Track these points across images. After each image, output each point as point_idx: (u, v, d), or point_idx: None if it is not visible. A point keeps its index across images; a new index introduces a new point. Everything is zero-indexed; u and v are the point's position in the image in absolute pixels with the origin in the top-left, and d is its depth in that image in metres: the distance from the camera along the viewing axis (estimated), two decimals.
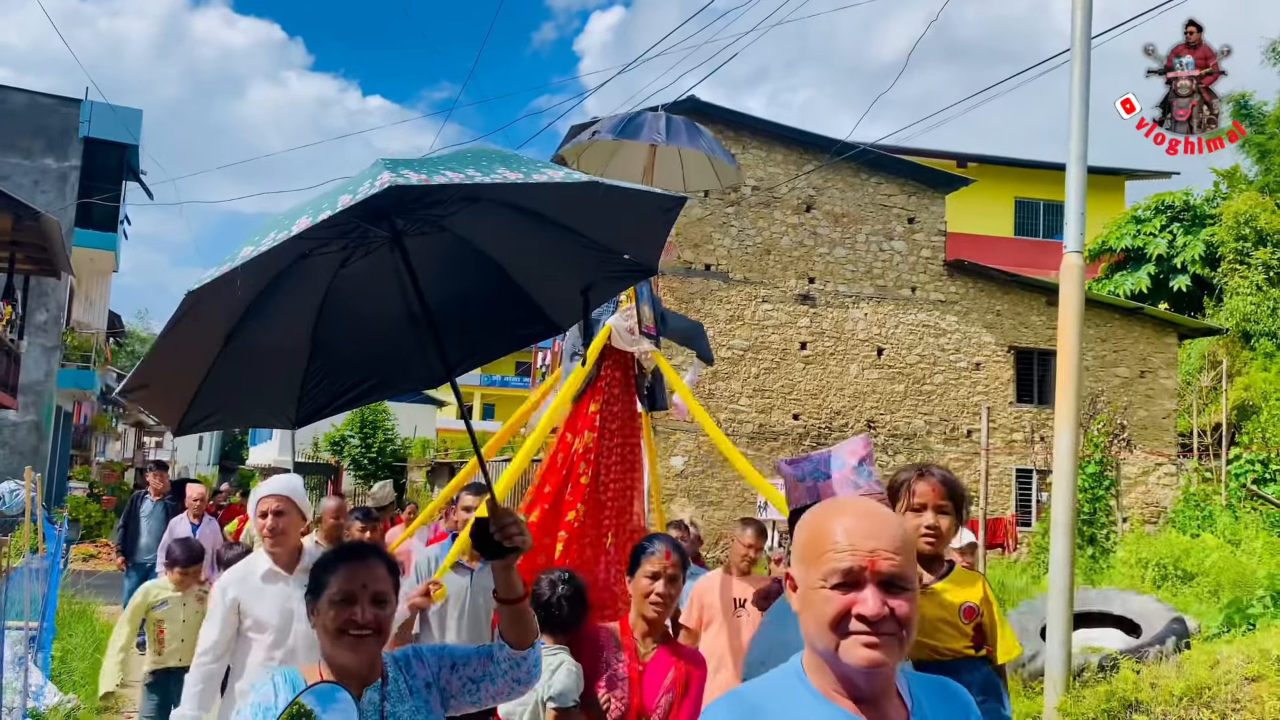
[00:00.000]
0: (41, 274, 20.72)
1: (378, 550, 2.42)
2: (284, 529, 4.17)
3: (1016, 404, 20.12)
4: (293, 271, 2.60)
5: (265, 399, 3.03)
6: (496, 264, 2.88)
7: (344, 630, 2.23)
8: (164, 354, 2.55)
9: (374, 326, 2.93)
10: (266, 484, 4.33)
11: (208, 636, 4.04)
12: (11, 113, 24.17)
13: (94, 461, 33.47)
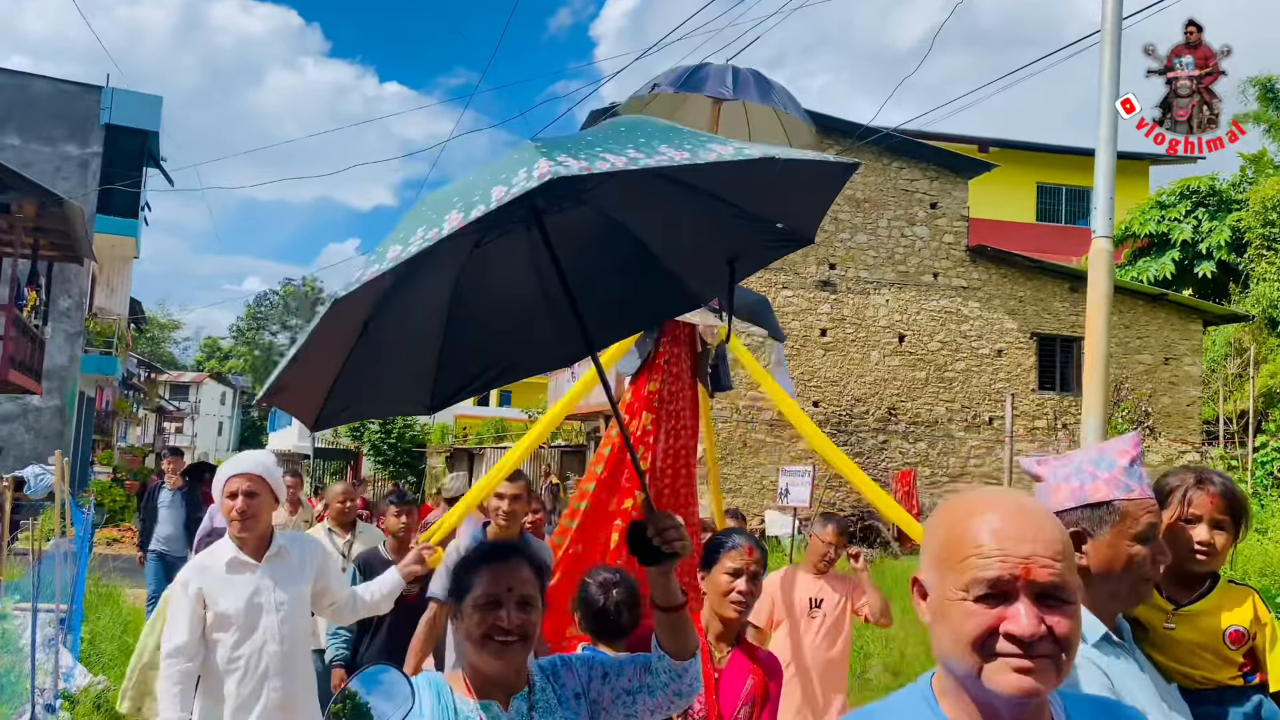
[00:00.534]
0: (64, 260, 20.85)
1: (522, 550, 2.28)
2: (255, 512, 3.76)
3: (1039, 391, 20.00)
4: (426, 254, 2.52)
5: (400, 386, 2.95)
6: (638, 239, 2.73)
7: (489, 636, 2.11)
8: (305, 356, 2.48)
9: (509, 306, 2.83)
10: (235, 461, 3.92)
11: (175, 637, 3.67)
12: (34, 100, 24.29)
13: (115, 446, 33.76)
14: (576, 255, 2.56)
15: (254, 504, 3.76)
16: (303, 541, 4.02)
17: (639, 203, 2.60)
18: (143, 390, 43.57)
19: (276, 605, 3.75)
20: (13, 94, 24.13)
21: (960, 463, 19.53)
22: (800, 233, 2.79)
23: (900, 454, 19.24)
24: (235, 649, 3.68)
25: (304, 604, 3.86)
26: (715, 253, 2.78)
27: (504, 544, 2.41)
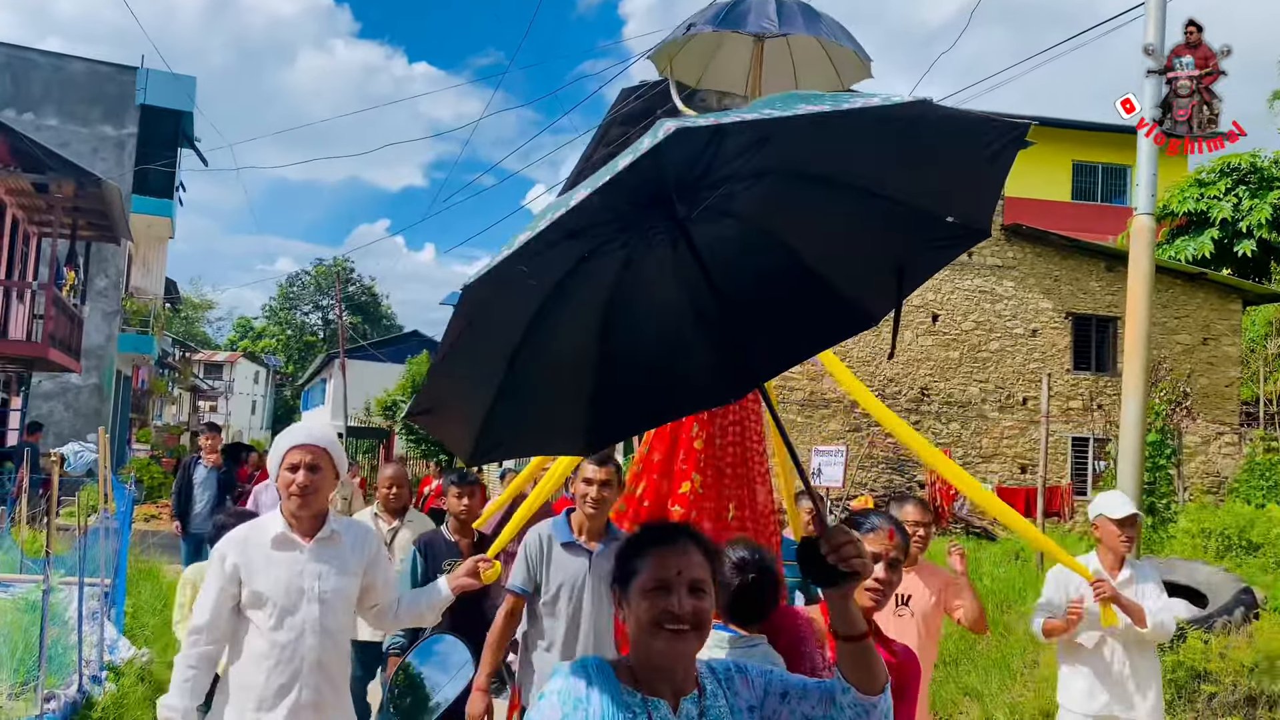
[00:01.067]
0: (102, 240, 21.11)
1: (692, 532, 2.12)
2: (316, 488, 3.40)
3: (1074, 371, 19.80)
4: (574, 278, 2.36)
5: (555, 423, 2.77)
6: (792, 250, 2.49)
7: (659, 624, 1.95)
8: (447, 373, 2.35)
9: (664, 334, 2.61)
10: (295, 431, 3.55)
11: (199, 614, 3.34)
12: (71, 81, 24.54)
13: (152, 425, 34.23)
14: (729, 274, 2.37)
15: (316, 479, 3.40)
16: (358, 529, 3.65)
17: (787, 206, 2.36)
18: (178, 369, 44.13)
19: (320, 594, 3.38)
20: (50, 75, 24.38)
21: (993, 444, 19.39)
22: (973, 224, 2.46)
23: (933, 435, 19.13)
24: (270, 636, 3.32)
25: (350, 597, 3.49)
26: (880, 260, 2.49)
27: (671, 526, 2.22)
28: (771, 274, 2.52)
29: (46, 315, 16.63)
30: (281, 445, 3.46)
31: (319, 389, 54.62)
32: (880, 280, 2.51)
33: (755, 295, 2.49)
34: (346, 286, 62.23)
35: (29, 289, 17.29)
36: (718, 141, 1.99)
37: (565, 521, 4.10)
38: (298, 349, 70.00)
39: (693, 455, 4.36)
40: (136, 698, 6.39)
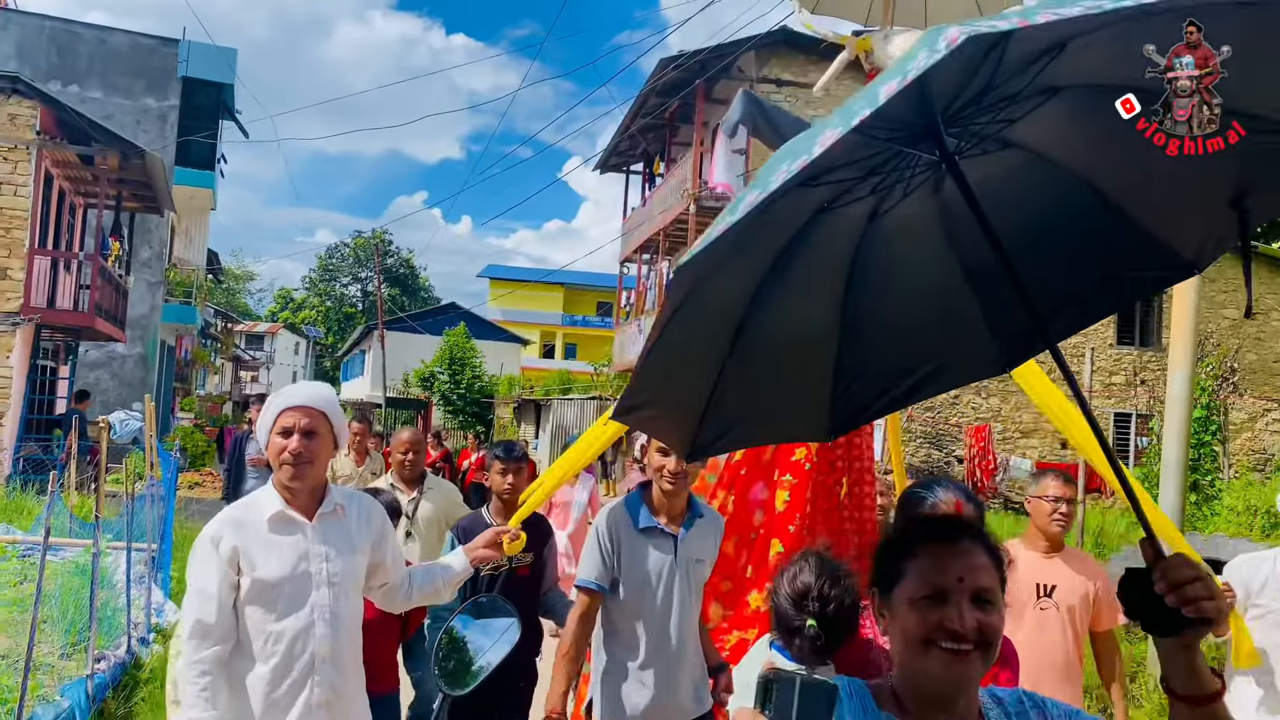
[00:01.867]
0: (146, 211, 21.36)
1: (973, 527, 1.72)
2: (312, 456, 2.96)
3: (1117, 346, 19.50)
4: (810, 233, 2.01)
5: (790, 406, 2.42)
6: (1092, 185, 2.01)
7: (932, 641, 1.58)
8: (658, 363, 2.02)
9: (921, 295, 2.22)
10: (289, 392, 3.10)
11: (202, 612, 2.85)
12: (115, 53, 24.77)
13: (195, 394, 34.76)
14: (1010, 221, 1.91)
15: (311, 446, 2.96)
16: (360, 501, 3.23)
17: (1087, 129, 1.86)
18: (220, 340, 44.72)
19: (329, 577, 2.97)
20: (94, 48, 24.63)
21: (1033, 419, 19.19)
22: None
23: (972, 409, 18.96)
24: (275, 629, 2.89)
25: (359, 578, 3.09)
26: (1210, 192, 1.91)
27: (949, 520, 1.86)
28: (1065, 216, 2.05)
29: (93, 285, 16.89)
30: (273, 407, 3.02)
31: (358, 360, 55.15)
32: (1207, 218, 1.97)
33: (1043, 244, 2.05)
34: (385, 259, 62.66)
35: (76, 259, 17.57)
36: (1000, 51, 1.62)
37: (640, 501, 3.48)
38: (337, 320, 70.64)
39: (782, 454, 3.87)
40: None
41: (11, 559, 7.91)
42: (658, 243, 21.68)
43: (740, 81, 19.13)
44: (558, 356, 55.94)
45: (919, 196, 1.97)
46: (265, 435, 3.01)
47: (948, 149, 1.78)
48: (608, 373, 32.06)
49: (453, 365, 38.13)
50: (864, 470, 3.99)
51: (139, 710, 5.45)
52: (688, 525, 3.46)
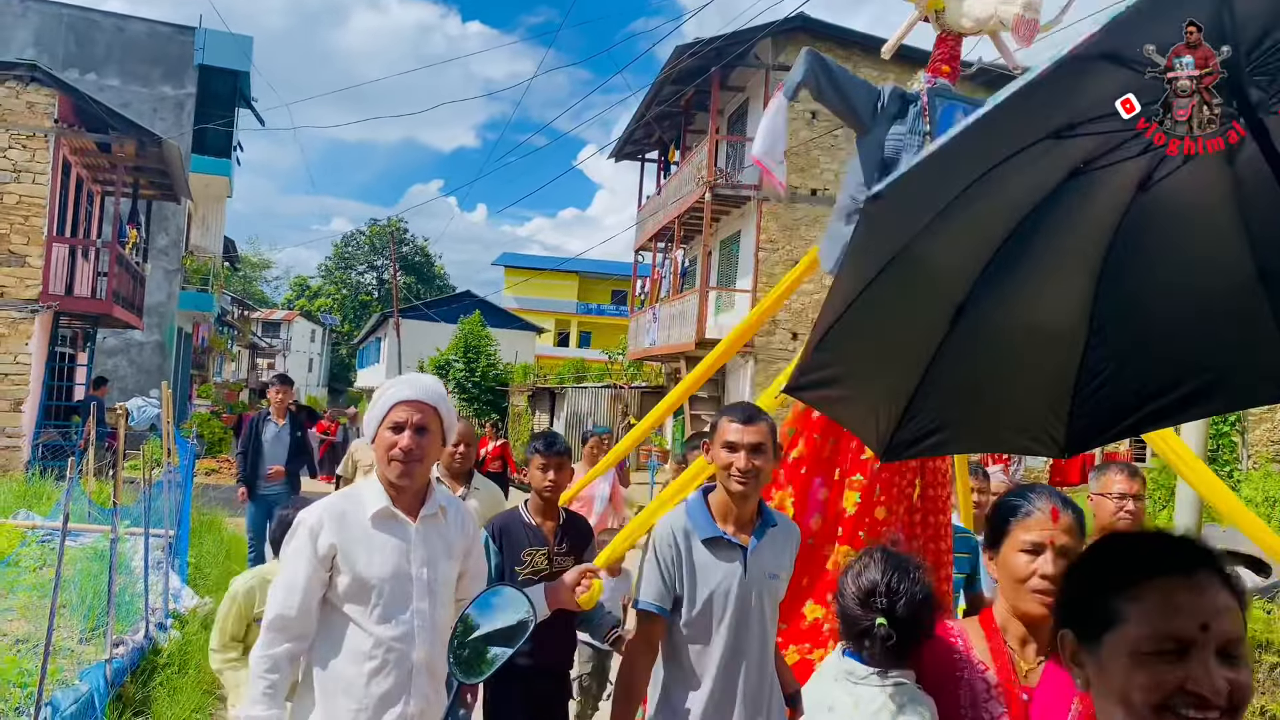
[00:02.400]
0: (163, 199, 21.45)
1: (1209, 553, 1.32)
2: (423, 454, 2.78)
3: None
4: (1058, 202, 1.65)
5: (1017, 409, 2.09)
6: None
7: (1168, 708, 1.22)
8: (858, 329, 1.68)
9: (1197, 291, 1.77)
10: (402, 383, 2.90)
11: (285, 604, 2.70)
12: (132, 41, 24.85)
13: (212, 381, 34.95)
14: None
15: (423, 443, 2.78)
16: (457, 505, 3.03)
17: None
18: (237, 327, 44.93)
19: (429, 583, 2.79)
20: (112, 36, 24.70)
21: None
22: None
23: None
24: (375, 632, 2.70)
25: (453, 586, 2.91)
26: None
27: (1179, 543, 1.35)
28: None
29: (110, 273, 16.98)
30: (386, 399, 2.84)
31: (374, 347, 55.34)
32: None
33: None
34: (400, 247, 62.78)
35: (94, 247, 17.67)
36: None
37: (704, 507, 3.00)
38: (353, 308, 70.88)
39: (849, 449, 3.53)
40: (200, 644, 6.56)
41: (31, 544, 7.98)
42: (673, 231, 21.64)
43: (756, 69, 19.04)
44: (572, 344, 55.98)
45: (1199, 168, 1.54)
46: (374, 428, 2.85)
47: (1250, 101, 1.35)
48: (622, 361, 32.06)
49: (468, 353, 38.21)
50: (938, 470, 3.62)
51: (156, 695, 5.49)
52: (759, 534, 2.99)
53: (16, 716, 4.59)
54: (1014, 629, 2.17)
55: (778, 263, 18.55)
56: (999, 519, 2.20)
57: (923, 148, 3.58)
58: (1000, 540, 2.18)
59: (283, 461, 8.69)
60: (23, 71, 15.99)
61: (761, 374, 18.39)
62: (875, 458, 3.33)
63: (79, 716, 4.49)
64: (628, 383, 27.62)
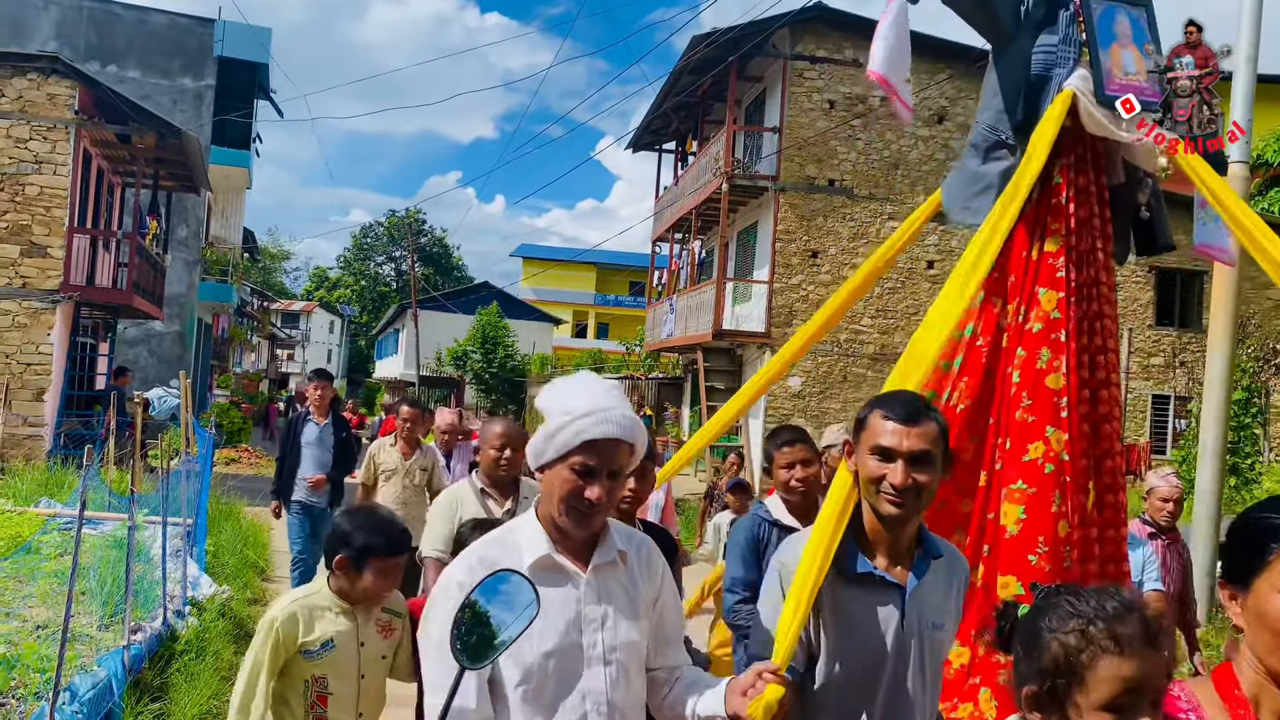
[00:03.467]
0: (183, 190, 21.58)
1: None
2: (614, 500, 2.19)
3: (1156, 327, 19.21)
4: None
5: None
6: None
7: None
8: None
9: None
10: (596, 416, 2.07)
11: (463, 701, 1.98)
12: (152, 34, 24.98)
13: (231, 371, 35.18)
14: None
15: (614, 490, 2.13)
16: (643, 546, 2.30)
17: None
18: (256, 318, 45.19)
19: (606, 652, 2.12)
20: (132, 28, 24.85)
21: None
22: None
23: None
24: (537, 712, 2.06)
25: (642, 653, 2.21)
26: None
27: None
28: None
29: (131, 264, 17.10)
30: (573, 433, 2.07)
31: (392, 338, 55.54)
32: None
33: None
34: (419, 238, 62.93)
35: (114, 238, 17.79)
36: None
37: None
38: (371, 299, 71.14)
39: (1046, 396, 2.89)
40: (217, 632, 6.62)
41: (52, 531, 8.07)
42: (690, 222, 21.60)
43: (774, 59, 18.96)
44: (590, 336, 56.03)
45: None
46: (548, 458, 2.11)
47: None
48: (640, 352, 32.04)
49: (485, 344, 38.32)
50: (1115, 470, 3.01)
51: (174, 681, 5.54)
52: (918, 570, 2.27)
53: (36, 701, 4.64)
54: (1270, 700, 1.58)
55: (795, 253, 18.49)
56: (1254, 543, 1.62)
57: (1079, 60, 3.07)
58: (1252, 574, 1.59)
59: (326, 466, 7.64)
60: (44, 64, 16.10)
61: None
62: (1050, 454, 2.76)
63: (97, 702, 4.53)
64: (645, 374, 27.62)
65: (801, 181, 18.45)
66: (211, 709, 5.51)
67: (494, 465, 4.15)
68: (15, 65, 15.98)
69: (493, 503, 4.15)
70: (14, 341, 15.58)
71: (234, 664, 6.63)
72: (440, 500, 4.34)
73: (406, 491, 6.77)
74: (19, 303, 15.63)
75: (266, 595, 8.96)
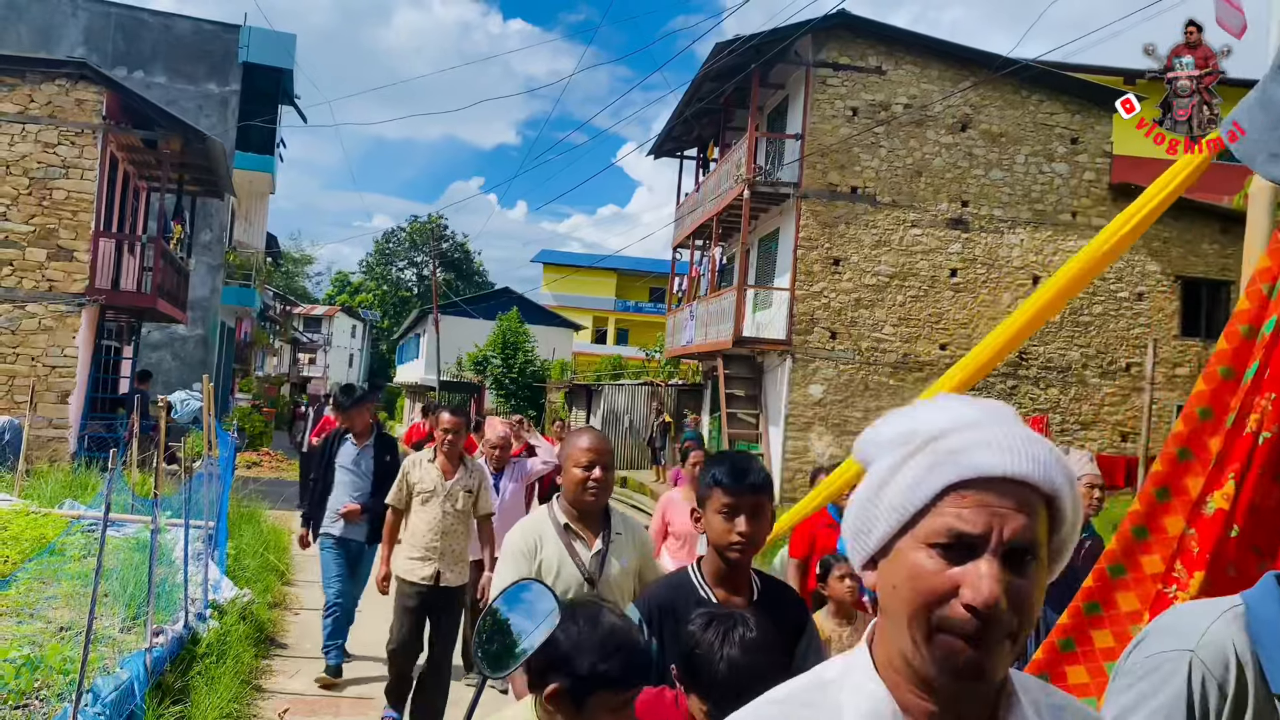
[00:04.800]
0: (207, 195, 21.74)
1: None
2: None
3: (1182, 337, 19.03)
4: None
5: None
6: None
7: None
8: None
9: None
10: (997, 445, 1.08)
11: None
12: (178, 39, 25.20)
13: (254, 375, 35.37)
14: None
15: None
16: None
17: None
18: (279, 322, 45.45)
19: None
20: (159, 34, 25.08)
21: (1093, 410, 18.81)
22: None
23: (1030, 400, 18.62)
24: None
25: None
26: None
27: None
28: None
29: (155, 268, 17.23)
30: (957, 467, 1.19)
31: (413, 343, 55.75)
32: None
33: None
34: (441, 243, 63.16)
35: (139, 242, 17.93)
36: None
37: None
38: (393, 304, 71.45)
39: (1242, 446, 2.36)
40: (238, 635, 6.64)
41: (76, 532, 8.11)
42: (711, 228, 21.57)
43: (796, 66, 18.93)
44: (610, 342, 56.03)
45: None
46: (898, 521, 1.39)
47: None
48: (660, 358, 32.03)
49: (505, 349, 38.40)
50: None
51: (195, 684, 5.55)
52: None
53: (59, 702, 4.66)
54: None
55: (816, 260, 18.43)
56: None
57: None
58: None
59: (365, 494, 6.66)
60: (72, 69, 16.26)
61: (799, 371, 18.28)
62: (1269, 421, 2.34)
63: (119, 704, 4.54)
64: (665, 380, 27.60)
65: (823, 189, 18.39)
66: (232, 712, 5.52)
67: (580, 488, 3.25)
68: (44, 71, 16.15)
69: (580, 543, 3.28)
70: (40, 344, 15.71)
71: (254, 667, 6.66)
72: (514, 539, 3.28)
73: (448, 519, 5.73)
74: (45, 306, 15.77)
75: (287, 599, 8.98)
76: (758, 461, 2.72)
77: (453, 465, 5.78)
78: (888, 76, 18.66)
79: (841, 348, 18.40)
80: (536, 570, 3.11)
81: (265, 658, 7.11)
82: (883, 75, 18.62)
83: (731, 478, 2.55)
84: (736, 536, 2.52)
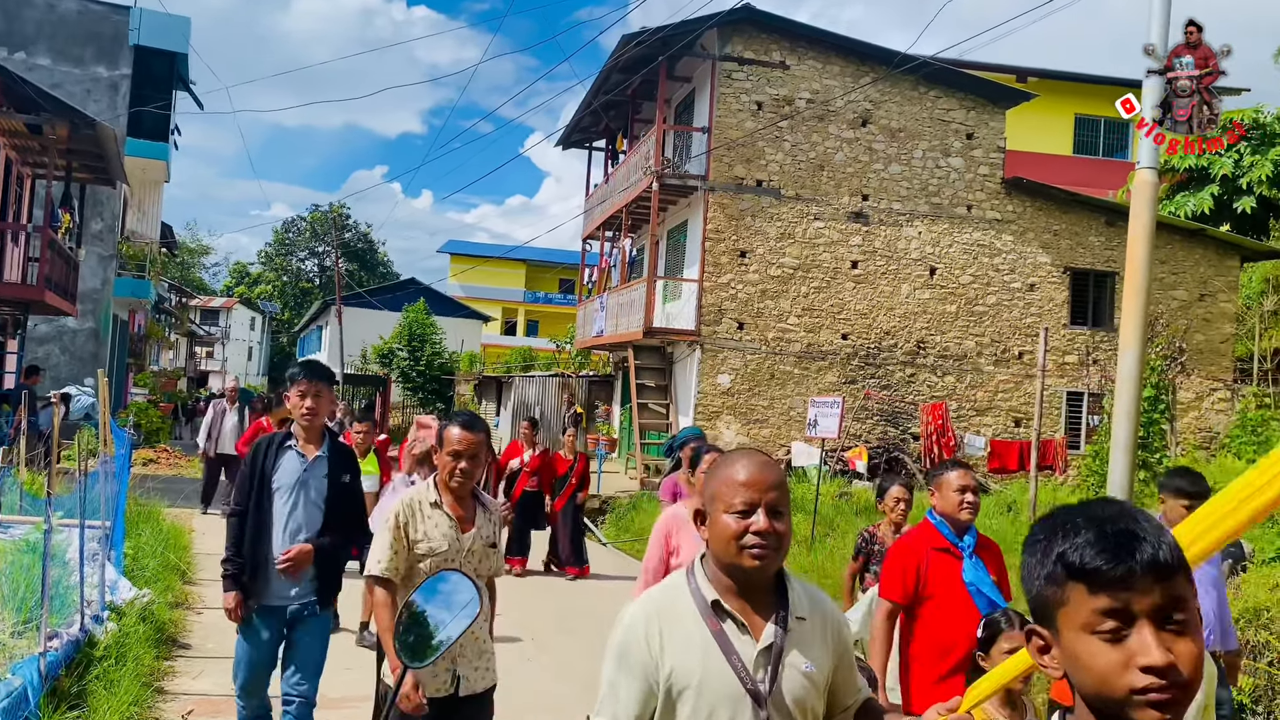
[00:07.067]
0: (97, 183, 20.94)
1: None
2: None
3: (1070, 326, 19.82)
4: None
5: None
6: None
7: None
8: None
9: None
10: None
11: None
12: (63, 20, 24.18)
13: (149, 369, 34.23)
14: None
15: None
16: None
17: None
18: (174, 314, 44.04)
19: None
20: (42, 14, 24.02)
21: (988, 396, 19.47)
22: None
23: (928, 387, 19.19)
24: None
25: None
26: None
27: None
28: None
29: (42, 258, 16.55)
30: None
31: (315, 336, 54.59)
32: None
33: None
34: (343, 233, 61.91)
35: (24, 231, 17.19)
36: None
37: None
38: (294, 295, 69.80)
39: None
40: (138, 636, 6.47)
41: None
42: (620, 220, 21.65)
43: (703, 59, 19.10)
44: (519, 333, 55.78)
45: None
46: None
47: None
48: (570, 350, 32.01)
49: (412, 341, 37.88)
50: None
51: (93, 688, 5.41)
52: None
53: None
54: None
55: (723, 252, 18.66)
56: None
57: None
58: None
59: (314, 531, 4.51)
60: None
61: (707, 362, 18.50)
62: None
63: (12, 711, 4.41)
64: (575, 371, 27.60)
65: (730, 181, 18.62)
66: (133, 715, 5.39)
67: (735, 546, 2.37)
68: None
69: (739, 632, 2.31)
70: None
71: (156, 669, 6.50)
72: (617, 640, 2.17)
73: None
74: None
75: (189, 598, 8.77)
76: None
77: (467, 510, 3.80)
78: (791, 71, 18.98)
79: (749, 338, 18.68)
80: (665, 691, 2.03)
81: (168, 659, 6.95)
82: (786, 70, 18.92)
83: None
84: None
